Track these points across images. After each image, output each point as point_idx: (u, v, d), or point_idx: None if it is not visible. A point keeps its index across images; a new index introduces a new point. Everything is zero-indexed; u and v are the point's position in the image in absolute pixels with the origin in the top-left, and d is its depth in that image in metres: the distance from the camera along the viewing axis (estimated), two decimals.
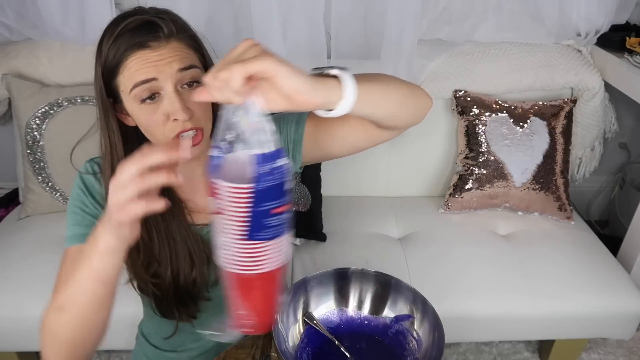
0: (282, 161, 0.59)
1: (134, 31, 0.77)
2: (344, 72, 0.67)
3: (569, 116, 1.70)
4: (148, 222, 0.88)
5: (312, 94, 0.62)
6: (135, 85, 0.78)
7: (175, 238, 0.90)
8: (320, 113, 0.68)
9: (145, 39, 0.77)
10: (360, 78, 0.69)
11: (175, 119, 0.80)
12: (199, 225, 0.94)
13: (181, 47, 0.80)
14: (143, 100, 0.79)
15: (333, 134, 0.91)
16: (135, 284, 0.93)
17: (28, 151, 1.58)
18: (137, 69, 0.77)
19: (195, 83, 0.81)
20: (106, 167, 0.87)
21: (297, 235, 1.57)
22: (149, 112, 0.80)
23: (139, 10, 0.81)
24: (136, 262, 0.89)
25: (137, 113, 0.81)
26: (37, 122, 1.56)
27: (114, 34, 0.77)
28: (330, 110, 0.67)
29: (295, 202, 1.56)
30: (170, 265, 0.90)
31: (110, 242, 0.69)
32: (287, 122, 0.94)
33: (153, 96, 0.79)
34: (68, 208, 0.92)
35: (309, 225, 1.44)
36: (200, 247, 0.92)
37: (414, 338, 0.92)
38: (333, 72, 0.66)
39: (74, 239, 0.89)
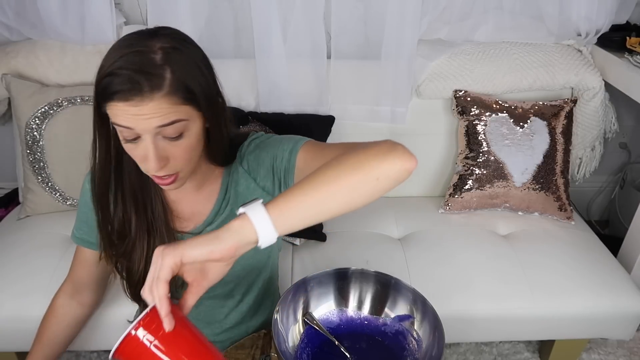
0: None
1: (121, 78, 0.74)
2: (252, 206, 0.68)
3: (569, 116, 1.70)
4: (136, 217, 0.94)
5: (220, 247, 0.65)
6: (117, 125, 0.78)
7: (155, 237, 0.95)
8: (253, 246, 0.68)
9: (128, 92, 0.74)
10: (283, 199, 0.69)
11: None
12: (180, 231, 0.98)
13: (166, 104, 0.76)
14: (124, 139, 0.81)
15: None
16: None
17: (28, 151, 1.58)
18: (117, 114, 0.76)
19: (180, 135, 0.80)
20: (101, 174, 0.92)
21: (297, 235, 1.57)
22: (129, 147, 0.82)
23: (145, 52, 0.76)
24: (113, 245, 0.97)
25: (122, 142, 0.83)
26: (37, 122, 1.56)
27: (110, 67, 0.75)
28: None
29: None
30: (144, 257, 0.95)
31: None
32: (282, 149, 0.93)
33: (135, 139, 0.79)
34: (79, 205, 1.05)
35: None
36: None
37: (414, 338, 0.92)
38: (240, 211, 0.68)
39: (78, 240, 1.07)
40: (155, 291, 0.63)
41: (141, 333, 0.63)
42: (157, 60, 0.76)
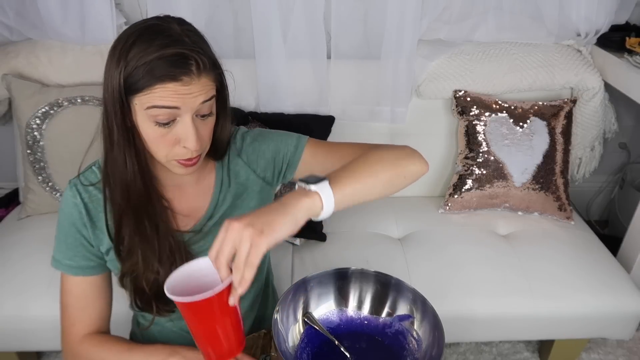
0: None
1: (169, 61, 0.76)
2: (322, 185, 0.76)
3: (569, 116, 1.70)
4: (137, 226, 0.90)
5: (298, 225, 0.73)
6: (155, 107, 0.79)
7: (160, 240, 0.92)
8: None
9: (180, 72, 0.77)
10: (340, 182, 0.78)
11: (185, 147, 0.83)
12: (182, 231, 0.96)
13: (208, 82, 0.81)
14: (158, 122, 0.81)
15: (326, 166, 0.95)
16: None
17: (28, 151, 1.58)
18: (162, 96, 0.78)
19: (210, 112, 0.85)
20: (118, 172, 0.87)
21: (297, 235, 1.57)
22: (160, 132, 0.82)
23: (176, 35, 0.79)
24: (125, 261, 0.92)
25: (147, 129, 0.82)
26: (37, 122, 1.56)
27: (149, 55, 0.76)
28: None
29: None
30: (151, 264, 0.91)
31: None
32: (286, 144, 0.99)
33: (168, 123, 0.81)
34: (58, 226, 0.95)
35: (309, 225, 1.43)
36: (182, 250, 0.93)
37: (414, 338, 0.92)
38: (313, 188, 0.75)
39: (66, 269, 0.95)
40: (247, 274, 0.68)
41: (216, 298, 0.70)
42: (189, 42, 0.79)
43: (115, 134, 0.84)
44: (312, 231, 1.59)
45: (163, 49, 0.76)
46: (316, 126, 1.67)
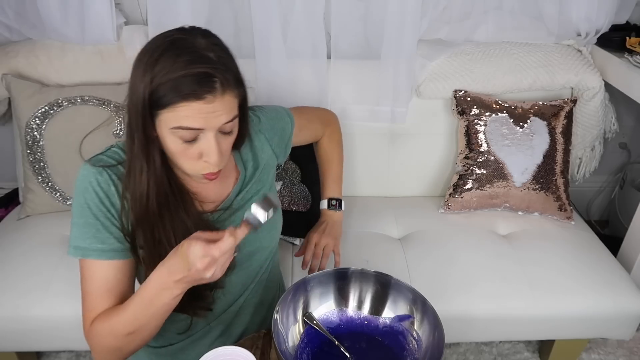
0: None
1: (194, 79, 0.77)
2: (341, 203, 1.40)
3: (569, 116, 1.70)
4: (162, 215, 0.90)
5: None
6: (181, 128, 0.80)
7: (188, 227, 0.91)
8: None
9: (204, 90, 0.78)
10: (338, 188, 1.41)
11: (206, 161, 0.85)
12: (208, 212, 0.98)
13: (231, 100, 0.82)
14: (182, 138, 0.82)
15: (301, 139, 1.29)
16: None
17: (28, 151, 1.58)
18: (186, 115, 0.79)
19: (231, 130, 0.87)
20: (133, 181, 0.88)
21: (297, 235, 1.57)
22: (184, 147, 0.83)
23: (201, 51, 0.80)
24: (155, 259, 0.88)
25: (170, 144, 0.84)
26: (37, 122, 1.56)
27: (174, 72, 0.77)
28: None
29: (295, 202, 1.55)
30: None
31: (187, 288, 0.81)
32: (285, 121, 1.19)
33: (192, 140, 0.83)
34: (78, 211, 0.89)
35: (309, 225, 1.44)
36: (212, 229, 0.93)
37: (414, 338, 0.92)
38: (342, 209, 1.41)
39: (96, 254, 0.89)
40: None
41: None
42: (214, 58, 0.80)
43: (136, 146, 0.85)
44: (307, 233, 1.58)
45: (188, 67, 0.77)
46: None
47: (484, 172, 1.66)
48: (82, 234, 0.88)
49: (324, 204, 1.41)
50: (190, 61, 0.78)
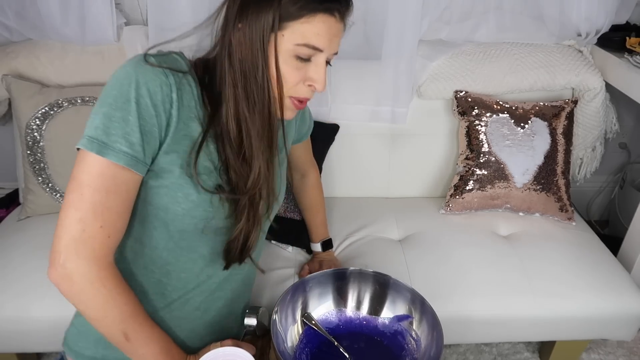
0: None
1: None
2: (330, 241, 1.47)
3: (570, 117, 1.70)
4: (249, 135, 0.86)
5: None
6: (306, 45, 0.80)
7: (268, 158, 0.90)
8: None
9: (334, 6, 0.80)
10: (325, 228, 1.47)
11: (310, 85, 0.86)
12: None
13: (342, 28, 0.85)
14: (298, 57, 0.82)
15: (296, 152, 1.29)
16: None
17: (28, 152, 1.58)
18: (318, 33, 0.80)
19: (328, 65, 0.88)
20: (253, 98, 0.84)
21: (290, 243, 1.54)
22: (294, 67, 0.83)
23: None
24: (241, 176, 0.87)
25: (282, 62, 0.82)
26: (37, 122, 1.56)
27: None
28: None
29: (291, 209, 1.54)
30: (260, 183, 0.89)
31: None
32: (309, 122, 1.27)
33: (308, 59, 0.83)
34: (116, 103, 0.76)
35: (301, 234, 1.46)
36: (278, 176, 0.99)
37: (413, 338, 0.92)
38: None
39: (116, 156, 0.76)
40: None
41: None
42: None
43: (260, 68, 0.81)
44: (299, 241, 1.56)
45: None
46: (320, 134, 1.61)
47: (485, 172, 1.66)
48: (107, 127, 0.76)
49: (317, 247, 1.44)
50: None
